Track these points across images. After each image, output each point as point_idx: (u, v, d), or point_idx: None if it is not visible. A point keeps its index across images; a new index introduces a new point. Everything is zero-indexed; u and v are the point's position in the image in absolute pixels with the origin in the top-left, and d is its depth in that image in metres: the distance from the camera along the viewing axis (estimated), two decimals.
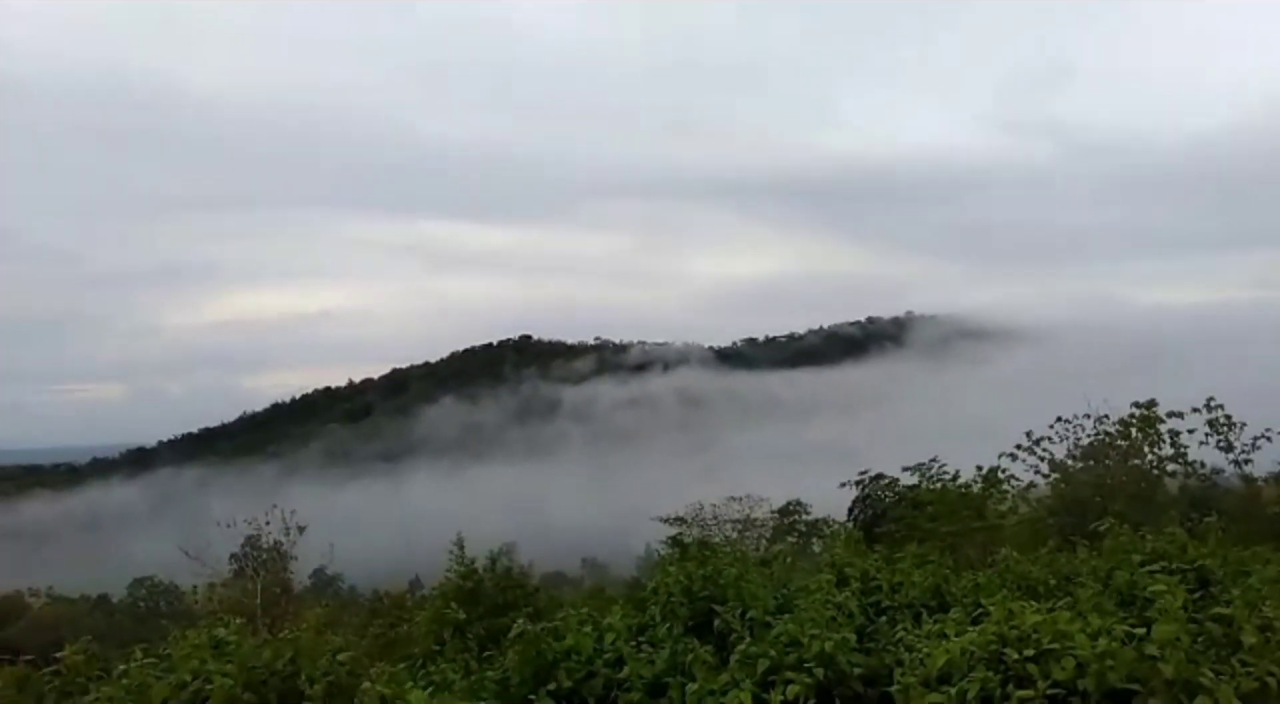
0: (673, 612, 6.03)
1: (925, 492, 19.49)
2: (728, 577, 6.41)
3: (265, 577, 19.43)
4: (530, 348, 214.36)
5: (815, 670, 4.90)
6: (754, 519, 29.58)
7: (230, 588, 19.43)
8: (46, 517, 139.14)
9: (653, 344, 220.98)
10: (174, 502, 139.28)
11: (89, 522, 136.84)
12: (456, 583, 12.56)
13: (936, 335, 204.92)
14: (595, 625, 5.96)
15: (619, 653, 5.69)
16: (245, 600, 18.44)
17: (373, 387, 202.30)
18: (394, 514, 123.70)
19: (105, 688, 4.22)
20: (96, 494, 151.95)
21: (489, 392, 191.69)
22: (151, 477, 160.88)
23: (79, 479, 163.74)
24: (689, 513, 29.33)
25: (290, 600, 19.51)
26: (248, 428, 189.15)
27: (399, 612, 21.83)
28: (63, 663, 4.18)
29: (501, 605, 11.41)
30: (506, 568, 13.86)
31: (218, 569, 19.93)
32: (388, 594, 26.44)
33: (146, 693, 4.24)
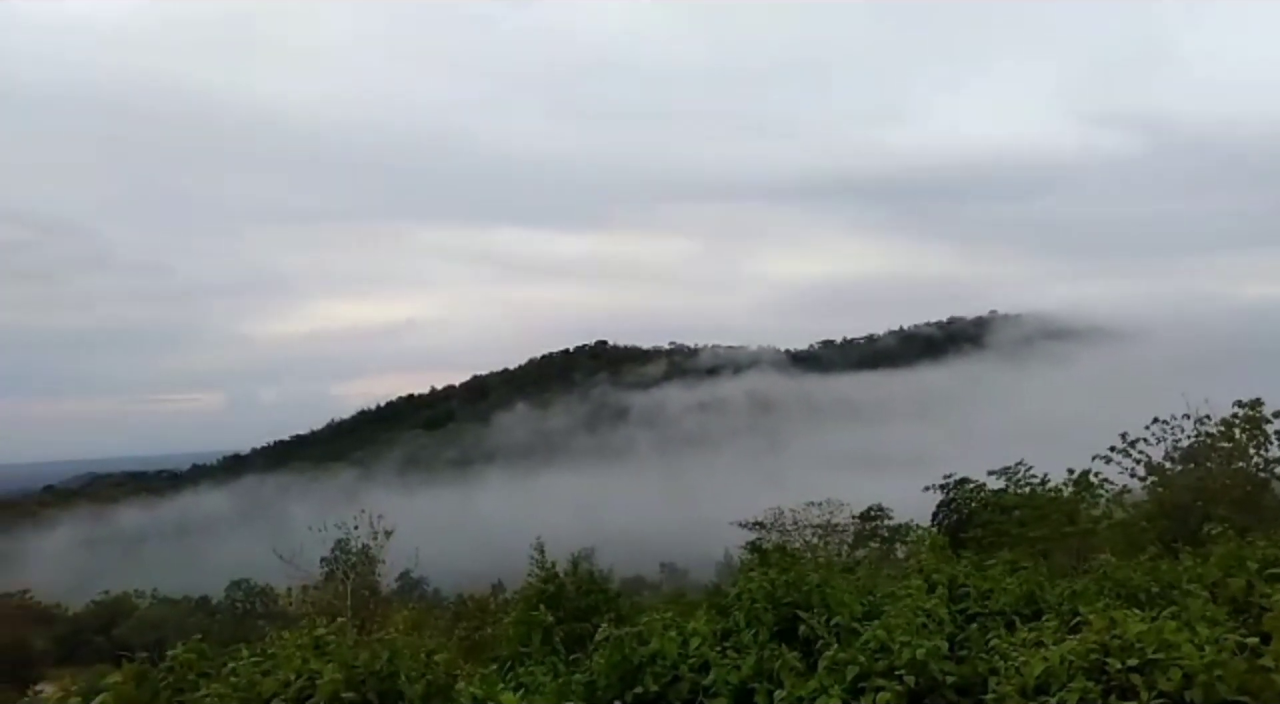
0: (757, 618, 6.01)
1: (1012, 496, 18.92)
2: (812, 582, 6.36)
3: (355, 579, 20.03)
4: (605, 353, 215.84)
5: (906, 678, 4.82)
6: (835, 524, 29.16)
7: (322, 590, 20.08)
8: (150, 522, 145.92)
9: (726, 347, 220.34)
10: (267, 506, 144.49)
11: (189, 526, 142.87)
12: (539, 587, 12.70)
13: (1019, 335, 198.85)
14: (679, 630, 5.97)
15: (704, 658, 5.69)
16: (336, 602, 19.01)
17: (454, 393, 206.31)
18: (474, 518, 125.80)
19: (214, 685, 4.43)
20: (195, 500, 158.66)
21: (565, 397, 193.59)
22: (246, 482, 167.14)
23: (179, 485, 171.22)
24: (768, 518, 29.08)
25: (379, 603, 20.05)
26: (335, 434, 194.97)
27: (483, 615, 22.24)
28: (175, 660, 4.40)
29: (583, 610, 11.49)
30: (588, 572, 13.99)
31: (310, 572, 20.63)
32: (472, 597, 26.89)
33: (254, 690, 4.43)
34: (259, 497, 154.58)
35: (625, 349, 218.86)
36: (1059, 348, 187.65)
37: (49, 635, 48.34)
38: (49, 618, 54.69)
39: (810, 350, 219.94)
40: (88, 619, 56.18)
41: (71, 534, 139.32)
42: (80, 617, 57.15)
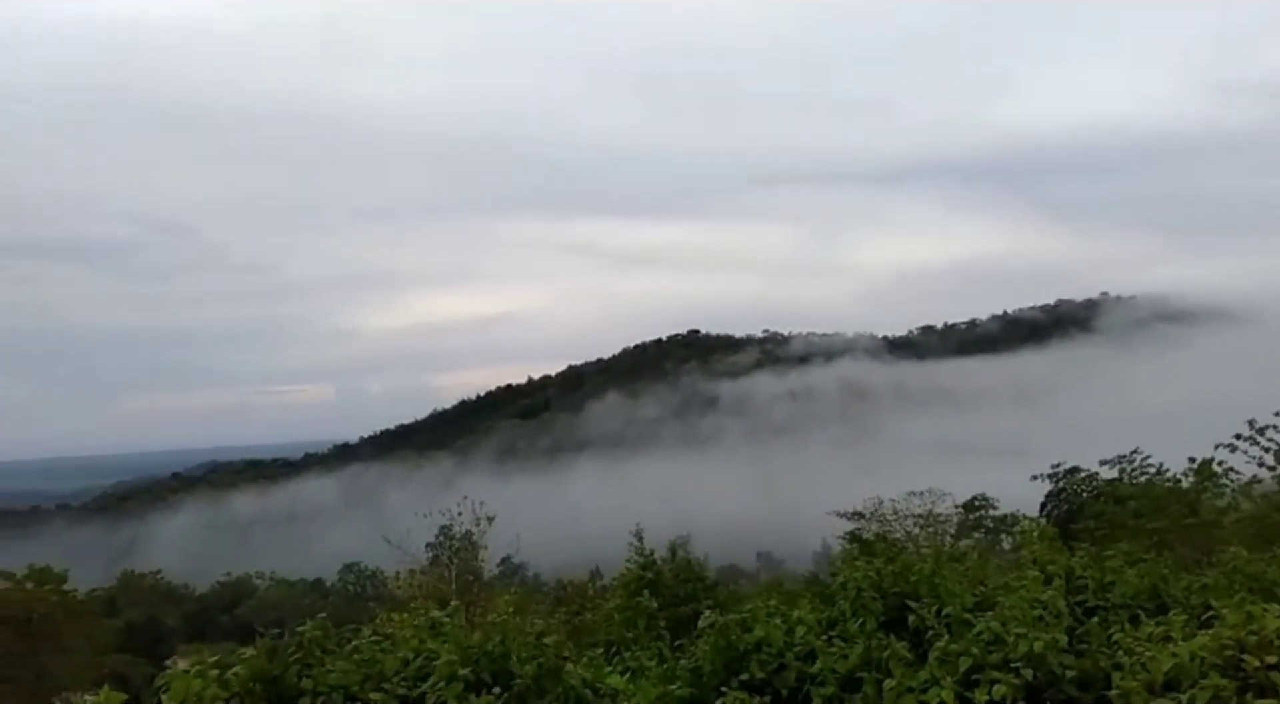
0: (864, 607, 5.92)
1: (1127, 486, 18.09)
2: (920, 572, 6.23)
3: (459, 564, 20.61)
4: (697, 342, 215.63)
5: (1024, 671, 4.68)
6: (936, 515, 28.41)
7: (428, 574, 20.75)
8: (266, 507, 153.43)
9: (820, 335, 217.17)
10: (373, 493, 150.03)
11: (302, 511, 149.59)
12: (637, 574, 12.83)
13: (1132, 318, 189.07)
14: (784, 619, 5.94)
15: (810, 646, 5.65)
16: (441, 586, 19.64)
17: (550, 383, 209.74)
18: (568, 506, 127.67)
19: (339, 662, 4.64)
20: (308, 486, 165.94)
21: (656, 386, 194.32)
22: (354, 470, 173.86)
23: (294, 473, 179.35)
24: (867, 508, 28.53)
25: (482, 587, 20.60)
26: (438, 424, 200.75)
27: (582, 600, 22.58)
28: (302, 637, 4.63)
29: (681, 597, 11.56)
30: (685, 560, 14.07)
31: (416, 556, 21.33)
32: (571, 583, 27.29)
33: (375, 667, 4.63)
34: (367, 484, 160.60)
35: (717, 337, 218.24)
36: (1175, 331, 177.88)
37: (179, 613, 51.28)
38: (179, 597, 58.10)
39: (909, 336, 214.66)
40: (213, 598, 59.37)
41: (196, 518, 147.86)
42: (206, 596, 60.43)
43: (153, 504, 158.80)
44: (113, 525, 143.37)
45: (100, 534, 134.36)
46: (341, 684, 4.42)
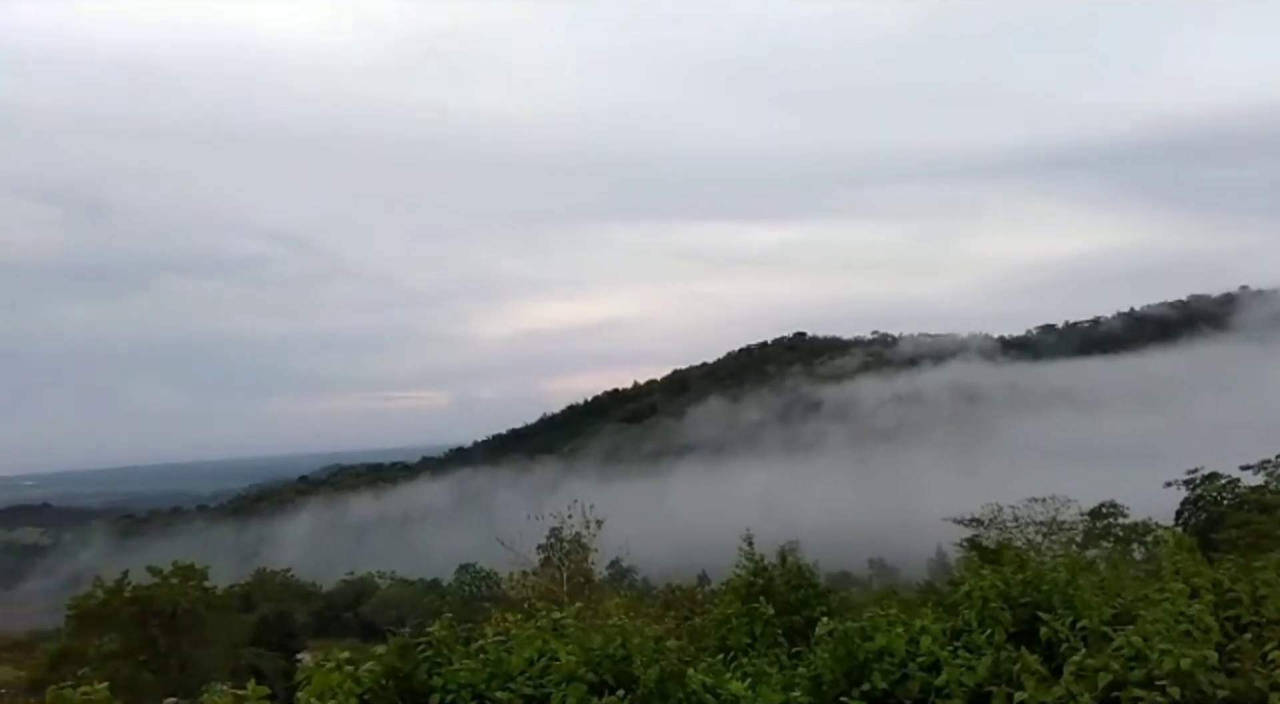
0: (992, 618, 5.71)
1: (1275, 494, 16.91)
2: (1052, 582, 5.96)
3: (570, 566, 20.91)
4: (803, 345, 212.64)
5: (1170, 689, 4.42)
6: (1061, 522, 27.18)
7: (540, 576, 21.13)
8: (385, 509, 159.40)
9: (932, 336, 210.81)
10: (486, 496, 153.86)
11: (418, 514, 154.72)
12: (747, 579, 12.75)
13: (1272, 313, 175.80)
14: (906, 628, 5.79)
15: (934, 657, 5.49)
16: (554, 588, 19.95)
17: (655, 387, 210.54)
18: (672, 510, 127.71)
19: (466, 660, 4.78)
20: (424, 489, 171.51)
21: (761, 390, 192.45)
22: (467, 473, 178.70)
23: (411, 476, 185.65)
24: (986, 514, 27.55)
25: (592, 589, 20.83)
26: (546, 428, 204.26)
27: (691, 604, 22.56)
28: (432, 636, 4.79)
29: (793, 603, 11.42)
30: (796, 566, 13.90)
31: (528, 558, 21.75)
32: (679, 587, 27.30)
33: (501, 666, 4.75)
34: (478, 487, 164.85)
35: (824, 340, 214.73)
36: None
37: (307, 610, 53.77)
38: (307, 594, 60.97)
39: (1027, 336, 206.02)
40: (338, 596, 62.07)
41: (319, 519, 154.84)
42: (332, 594, 63.22)
43: (281, 506, 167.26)
44: (244, 525, 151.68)
45: (233, 533, 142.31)
46: (469, 683, 4.55)
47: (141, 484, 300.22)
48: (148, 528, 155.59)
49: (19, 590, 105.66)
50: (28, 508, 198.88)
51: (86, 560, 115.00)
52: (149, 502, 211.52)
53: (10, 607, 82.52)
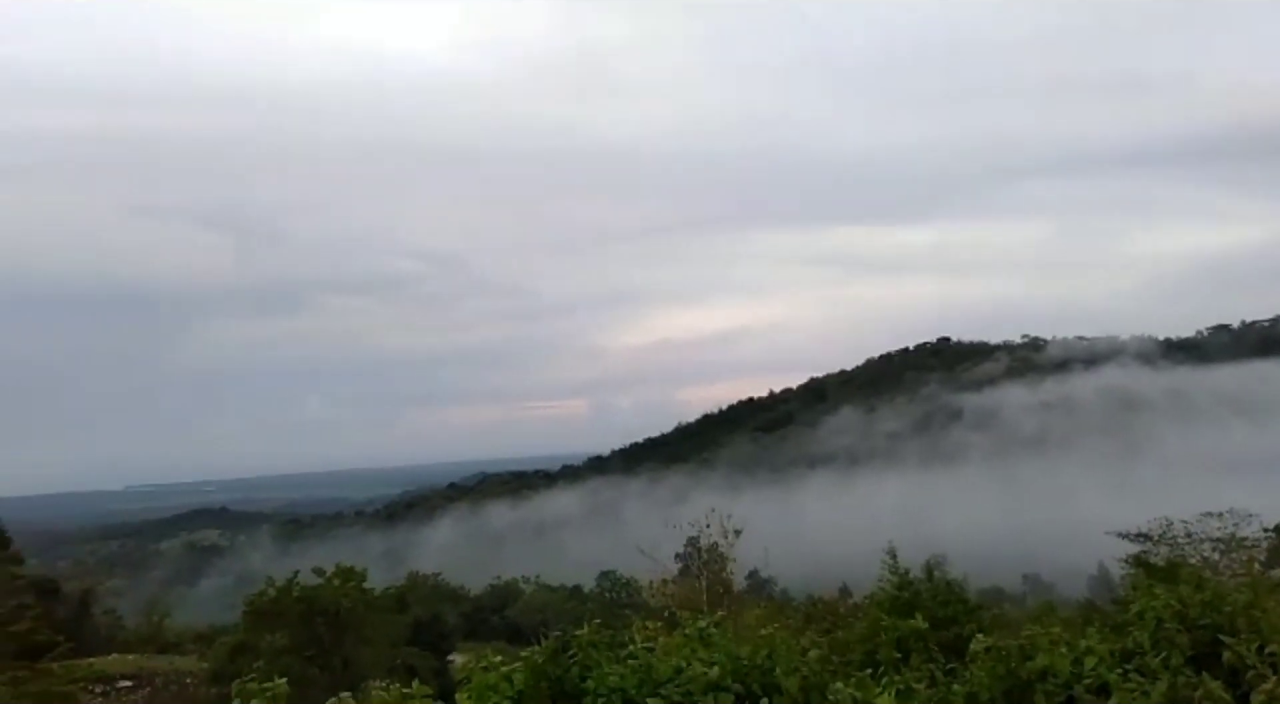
0: (1168, 640, 5.33)
1: None
2: (1234, 603, 5.51)
3: (709, 576, 20.88)
4: (947, 350, 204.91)
5: None
6: (1241, 538, 24.96)
7: (679, 584, 21.21)
8: (528, 515, 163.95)
9: (1088, 338, 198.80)
10: (622, 504, 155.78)
11: (558, 520, 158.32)
12: (892, 593, 12.42)
13: None
14: (1070, 647, 5.49)
15: (1102, 680, 5.18)
16: (693, 596, 19.98)
17: (792, 396, 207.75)
18: (808, 520, 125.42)
19: (615, 665, 4.87)
20: (563, 496, 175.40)
21: (902, 398, 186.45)
22: (604, 481, 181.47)
23: (552, 483, 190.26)
24: (1154, 529, 25.64)
25: (731, 599, 20.73)
26: (682, 437, 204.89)
27: (834, 617, 22.08)
28: (581, 640, 4.90)
29: (941, 619, 11.03)
30: (944, 580, 13.42)
31: (666, 566, 21.86)
32: (820, 599, 26.79)
33: (649, 672, 4.82)
34: (615, 495, 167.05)
35: (969, 345, 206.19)
36: None
37: (456, 612, 55.82)
38: (456, 597, 63.34)
39: (1195, 337, 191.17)
40: (486, 600, 64.16)
41: (465, 525, 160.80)
42: (480, 597, 65.43)
43: (431, 511, 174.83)
44: (395, 530, 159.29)
45: (385, 538, 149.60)
46: (620, 688, 4.64)
47: (307, 490, 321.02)
48: (310, 531, 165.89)
49: (199, 587, 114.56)
50: (208, 511, 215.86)
51: (256, 561, 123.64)
52: (313, 507, 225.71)
53: (192, 603, 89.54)
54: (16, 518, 44.07)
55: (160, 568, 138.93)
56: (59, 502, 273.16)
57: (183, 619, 60.96)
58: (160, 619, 54.88)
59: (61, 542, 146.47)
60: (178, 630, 51.44)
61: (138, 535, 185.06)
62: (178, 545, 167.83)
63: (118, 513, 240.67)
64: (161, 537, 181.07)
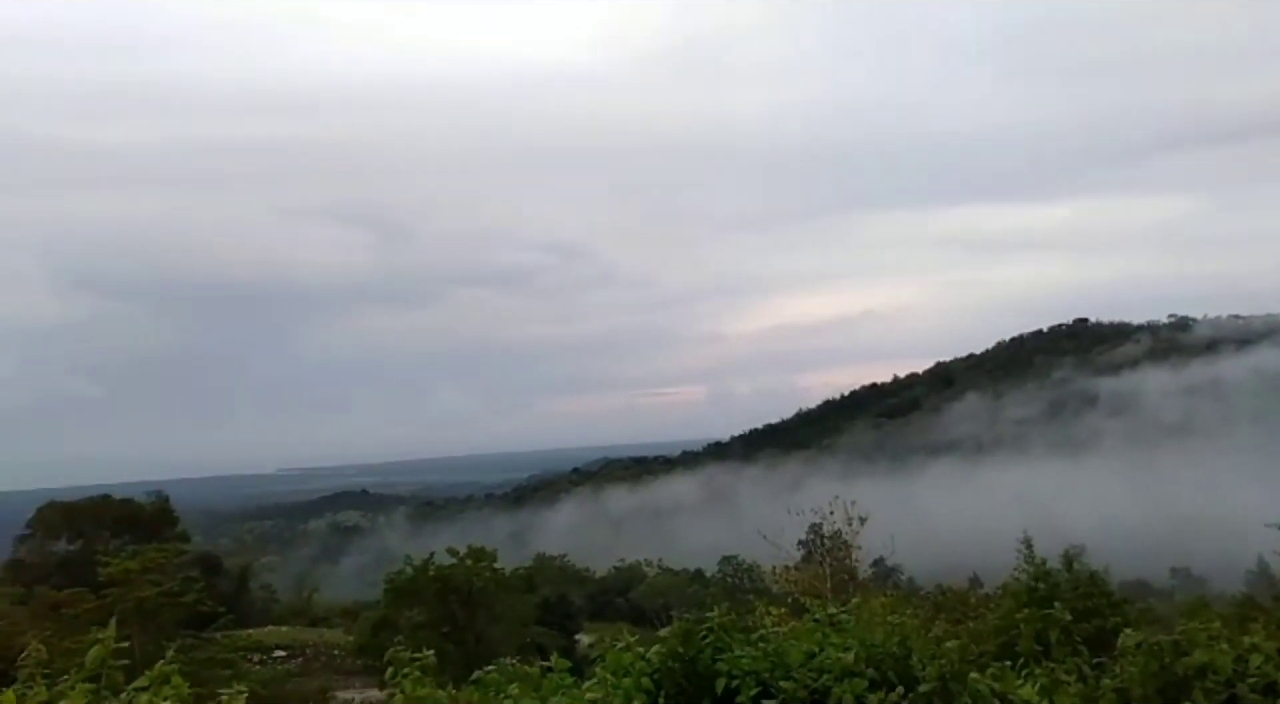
0: None
1: None
2: None
3: (833, 563, 20.61)
4: (1085, 332, 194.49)
5: None
6: None
7: (801, 571, 21.02)
8: (648, 500, 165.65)
9: (1243, 317, 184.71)
10: (742, 489, 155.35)
11: (679, 504, 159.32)
12: (1028, 584, 12.02)
13: None
14: (1232, 644, 5.17)
15: (1269, 679, 4.86)
16: (816, 583, 19.78)
17: (916, 381, 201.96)
18: (936, 509, 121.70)
19: (748, 648, 4.92)
20: (684, 481, 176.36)
21: (1034, 382, 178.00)
22: (725, 467, 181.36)
23: (672, 469, 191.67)
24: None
25: (856, 587, 20.40)
26: (802, 423, 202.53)
27: (964, 607, 21.43)
28: (714, 623, 4.97)
29: (1081, 612, 10.59)
30: (1086, 572, 12.87)
31: (789, 552, 21.70)
32: (949, 589, 26.10)
33: (781, 657, 4.84)
34: (736, 480, 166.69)
35: (1108, 326, 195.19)
36: None
37: (582, 593, 57.16)
38: (581, 579, 64.82)
39: None
40: (610, 582, 65.38)
41: (588, 508, 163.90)
42: (605, 579, 66.71)
43: (555, 495, 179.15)
44: (521, 513, 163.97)
45: (512, 520, 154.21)
46: (753, 670, 4.68)
47: (440, 474, 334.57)
48: (442, 513, 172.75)
49: (341, 565, 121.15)
50: (350, 494, 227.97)
51: (393, 541, 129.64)
52: (445, 490, 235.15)
53: (336, 579, 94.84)
54: (182, 499, 47.79)
55: (308, 546, 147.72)
56: (218, 484, 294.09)
57: (328, 594, 64.79)
58: (309, 594, 58.50)
59: (221, 521, 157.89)
60: (325, 605, 54.76)
61: (288, 516, 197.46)
62: (323, 525, 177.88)
63: (270, 494, 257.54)
64: (309, 517, 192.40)
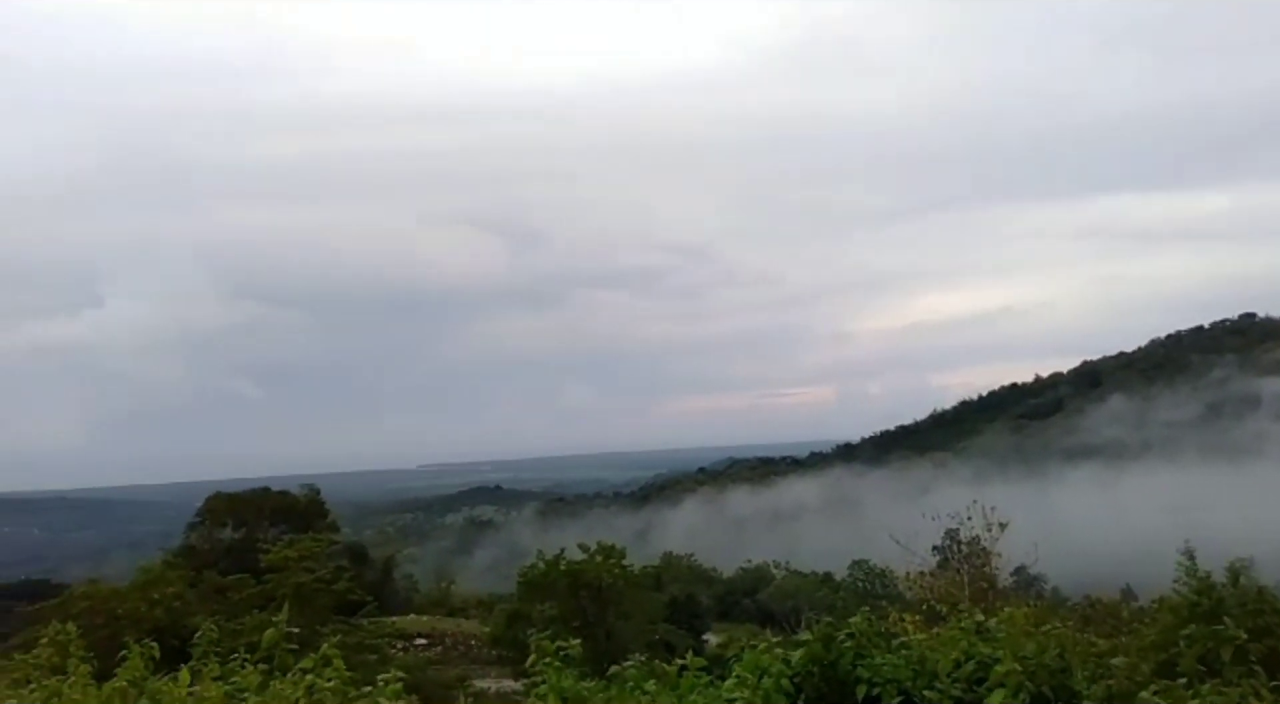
0: None
1: None
2: None
3: (970, 570, 19.82)
4: (1253, 328, 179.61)
5: None
6: None
7: (937, 577, 20.31)
8: (774, 501, 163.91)
9: None
10: (872, 492, 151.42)
11: (805, 506, 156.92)
12: (1190, 598, 11.23)
13: None
14: None
15: None
16: (953, 591, 19.07)
17: (1061, 380, 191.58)
18: (1086, 515, 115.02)
19: (888, 655, 4.80)
20: (811, 483, 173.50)
21: (1181, 383, 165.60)
22: (854, 469, 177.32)
23: (800, 470, 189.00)
24: None
25: (996, 596, 19.54)
26: (936, 425, 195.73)
27: (1115, 621, 20.22)
28: (854, 628, 4.88)
29: (1252, 630, 9.80)
30: (1256, 587, 11.95)
31: (923, 558, 21.01)
32: (1098, 601, 24.73)
33: (926, 664, 4.70)
34: (865, 483, 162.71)
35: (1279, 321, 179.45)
36: None
37: (709, 593, 57.04)
38: (709, 578, 64.69)
39: None
40: (738, 583, 64.93)
41: (713, 508, 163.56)
42: (732, 580, 66.30)
43: (680, 495, 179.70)
44: (645, 511, 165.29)
45: (636, 518, 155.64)
46: (895, 678, 4.56)
47: (570, 471, 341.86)
48: (569, 510, 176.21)
49: (475, 557, 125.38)
50: (485, 489, 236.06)
51: (524, 536, 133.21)
52: (574, 487, 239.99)
53: (470, 571, 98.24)
54: (331, 492, 50.66)
55: (445, 539, 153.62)
56: (363, 478, 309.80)
57: (464, 586, 67.18)
58: (448, 585, 60.90)
59: (366, 513, 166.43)
60: (463, 596, 56.86)
61: (427, 509, 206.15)
62: (459, 519, 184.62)
63: (411, 489, 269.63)
64: (446, 511, 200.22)
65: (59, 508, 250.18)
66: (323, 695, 4.41)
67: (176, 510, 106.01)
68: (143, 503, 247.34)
